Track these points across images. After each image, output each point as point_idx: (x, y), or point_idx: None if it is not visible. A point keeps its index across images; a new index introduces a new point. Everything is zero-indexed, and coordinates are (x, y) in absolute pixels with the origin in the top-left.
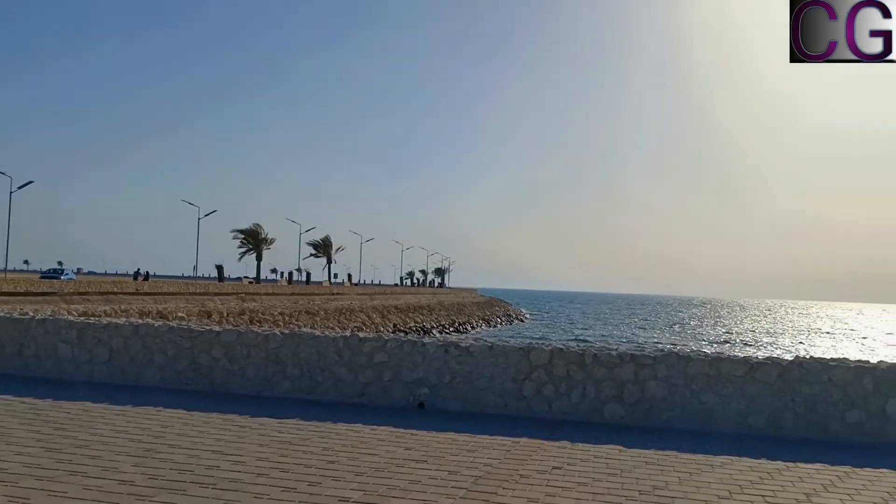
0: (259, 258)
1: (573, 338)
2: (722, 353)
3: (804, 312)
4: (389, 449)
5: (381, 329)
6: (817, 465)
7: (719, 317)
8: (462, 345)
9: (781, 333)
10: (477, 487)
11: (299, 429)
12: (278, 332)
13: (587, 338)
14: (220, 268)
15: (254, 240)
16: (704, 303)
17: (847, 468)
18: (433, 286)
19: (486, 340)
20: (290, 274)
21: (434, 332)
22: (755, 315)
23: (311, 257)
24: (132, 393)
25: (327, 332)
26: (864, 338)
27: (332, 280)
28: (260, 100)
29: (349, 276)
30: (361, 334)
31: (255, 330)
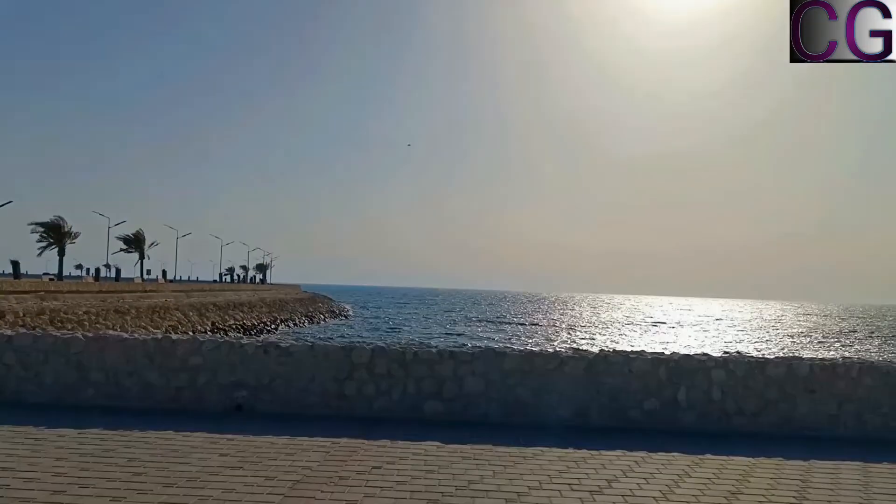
0: (62, 253)
1: (393, 334)
2: (535, 348)
3: (614, 305)
4: (203, 456)
5: (199, 328)
6: (618, 452)
7: (535, 311)
8: (282, 345)
9: (591, 326)
10: (294, 492)
11: (102, 439)
12: (81, 336)
13: (406, 333)
14: (15, 263)
15: (56, 234)
16: (517, 297)
17: (644, 453)
18: (254, 282)
19: (307, 340)
20: (97, 270)
21: (253, 331)
22: (568, 308)
23: (122, 252)
24: None
25: (137, 335)
26: (648, 325)
27: (146, 277)
28: (56, 82)
29: (164, 272)
30: (175, 336)
31: (55, 333)
